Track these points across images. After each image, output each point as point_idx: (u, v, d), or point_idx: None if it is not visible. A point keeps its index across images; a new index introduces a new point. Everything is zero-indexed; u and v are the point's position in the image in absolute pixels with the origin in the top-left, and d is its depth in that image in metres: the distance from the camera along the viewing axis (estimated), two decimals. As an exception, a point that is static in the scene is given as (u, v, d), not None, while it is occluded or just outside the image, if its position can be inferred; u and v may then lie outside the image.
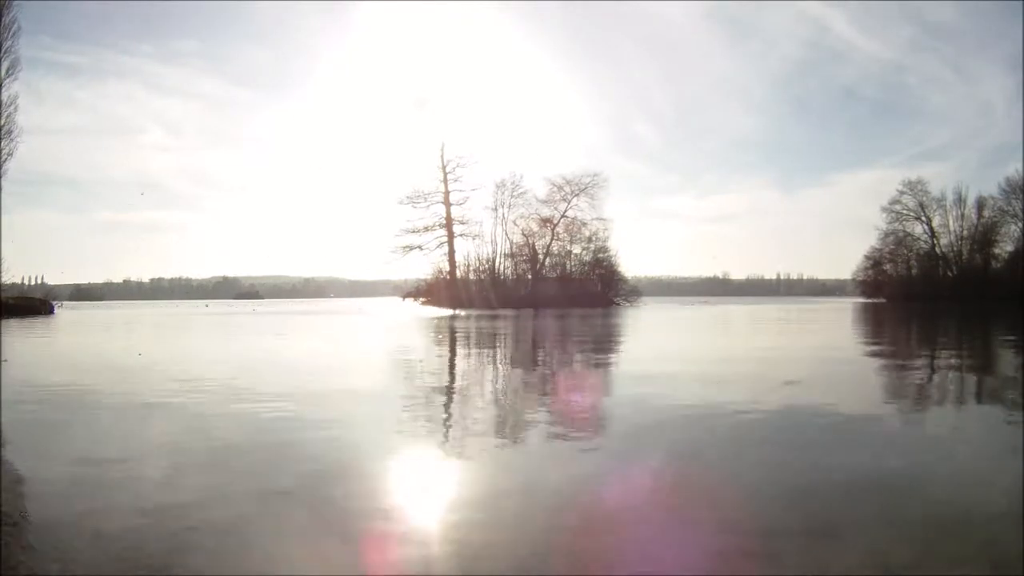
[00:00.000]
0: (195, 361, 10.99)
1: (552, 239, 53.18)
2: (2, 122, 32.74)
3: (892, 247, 62.28)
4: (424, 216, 51.27)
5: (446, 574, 2.43)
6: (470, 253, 53.09)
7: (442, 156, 50.99)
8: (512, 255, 53.67)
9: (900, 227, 61.39)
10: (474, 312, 35.94)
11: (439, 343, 15.15)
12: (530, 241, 53.47)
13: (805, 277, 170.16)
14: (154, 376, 8.43)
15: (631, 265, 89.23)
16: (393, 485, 3.57)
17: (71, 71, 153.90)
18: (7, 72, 32.89)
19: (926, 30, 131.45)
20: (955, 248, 59.90)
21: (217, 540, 2.61)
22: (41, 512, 3.02)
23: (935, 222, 60.30)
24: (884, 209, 61.45)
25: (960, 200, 59.21)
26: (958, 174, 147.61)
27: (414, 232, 50.97)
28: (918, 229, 61.00)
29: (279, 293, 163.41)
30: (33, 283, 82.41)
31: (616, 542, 2.61)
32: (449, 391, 7.29)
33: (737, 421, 5.10)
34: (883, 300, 58.67)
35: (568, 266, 54.33)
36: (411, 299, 52.13)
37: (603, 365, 10.14)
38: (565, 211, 52.66)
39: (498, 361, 10.84)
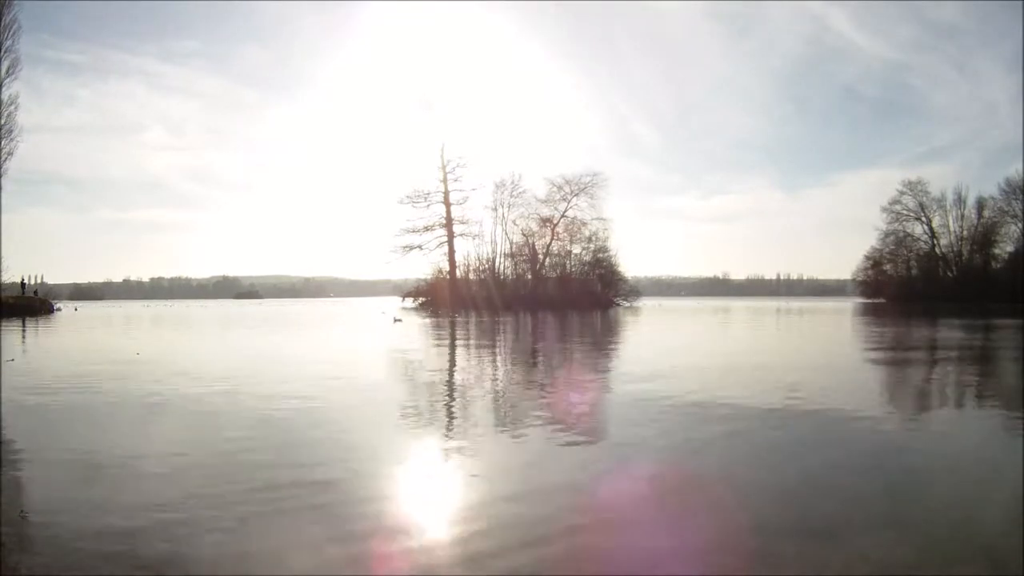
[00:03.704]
0: None
1: (552, 239, 53.07)
2: (2, 121, 32.76)
3: (892, 247, 62.28)
4: (424, 216, 51.18)
5: (446, 574, 2.43)
6: (470, 253, 52.99)
7: (442, 156, 50.93)
8: (512, 255, 53.57)
9: (900, 227, 61.41)
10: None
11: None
12: (530, 241, 53.39)
13: (806, 277, 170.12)
14: None
15: (632, 265, 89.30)
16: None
17: (73, 69, 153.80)
18: (7, 71, 32.93)
19: (928, 29, 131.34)
20: (955, 248, 59.88)
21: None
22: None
23: (935, 222, 60.34)
24: (884, 209, 61.47)
25: (960, 200, 59.26)
26: (961, 174, 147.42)
27: (414, 232, 50.87)
28: (918, 229, 61.05)
29: (279, 293, 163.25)
30: (33, 282, 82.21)
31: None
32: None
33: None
34: (883, 300, 58.63)
35: (568, 266, 54.22)
36: (411, 299, 51.97)
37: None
38: (565, 211, 52.60)
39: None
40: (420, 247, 51.05)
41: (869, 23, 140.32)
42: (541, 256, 53.31)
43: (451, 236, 51.32)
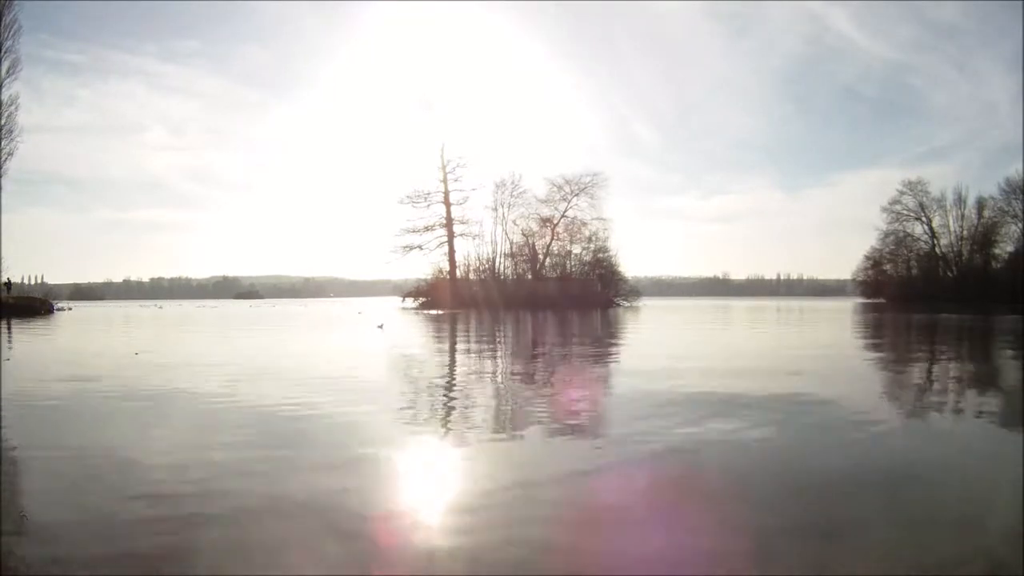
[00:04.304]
0: None
1: (552, 239, 53.15)
2: (3, 121, 32.80)
3: (892, 247, 62.33)
4: (424, 216, 51.31)
5: (447, 574, 2.42)
6: (470, 253, 53.12)
7: (442, 156, 51.03)
8: (512, 255, 53.66)
9: (900, 227, 61.44)
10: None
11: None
12: (530, 241, 53.46)
13: (806, 277, 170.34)
14: None
15: (632, 265, 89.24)
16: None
17: (73, 69, 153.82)
18: (8, 72, 32.96)
19: (928, 29, 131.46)
20: (955, 248, 59.90)
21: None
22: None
23: (935, 222, 60.37)
24: (884, 209, 61.50)
25: (960, 200, 59.29)
26: (961, 174, 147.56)
27: (414, 232, 50.99)
28: (918, 229, 61.07)
29: (279, 293, 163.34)
30: (33, 283, 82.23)
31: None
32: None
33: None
34: (883, 300, 58.67)
35: (568, 266, 54.27)
36: (411, 299, 52.04)
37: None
38: (565, 211, 52.67)
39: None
40: (420, 247, 51.21)
41: (869, 23, 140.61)
42: (541, 256, 53.38)
43: (451, 236, 51.42)
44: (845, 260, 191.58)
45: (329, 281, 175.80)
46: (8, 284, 40.67)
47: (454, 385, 7.79)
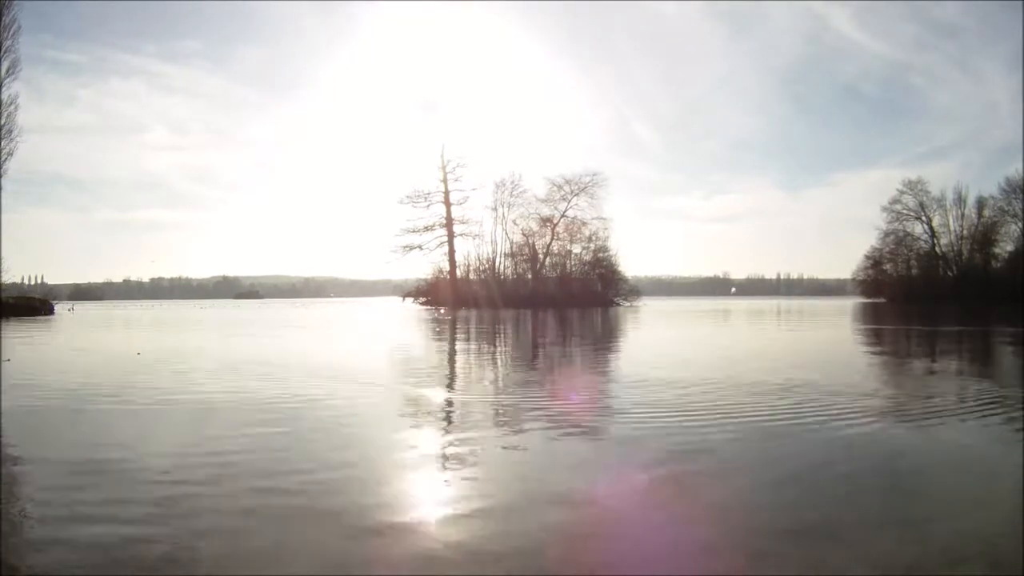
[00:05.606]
0: None
1: (552, 239, 53.25)
2: (2, 121, 32.75)
3: (892, 247, 62.26)
4: (424, 216, 51.41)
5: (446, 574, 2.43)
6: (470, 253, 53.24)
7: (442, 156, 51.13)
8: (512, 255, 53.75)
9: (900, 227, 61.38)
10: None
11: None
12: (530, 241, 53.54)
13: (806, 277, 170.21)
14: None
15: (632, 265, 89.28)
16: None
17: (73, 69, 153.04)
18: (7, 72, 32.92)
19: (929, 28, 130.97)
20: (955, 248, 59.86)
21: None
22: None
23: (935, 222, 60.31)
24: (884, 209, 61.45)
25: (960, 200, 59.24)
26: (962, 174, 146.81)
27: (414, 232, 51.10)
28: (918, 229, 61.01)
29: (279, 293, 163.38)
30: (33, 283, 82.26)
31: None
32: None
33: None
34: (883, 300, 58.67)
35: (568, 266, 54.36)
36: (411, 299, 52.15)
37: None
38: (565, 211, 52.76)
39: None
40: (420, 247, 51.33)
41: (870, 22, 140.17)
42: (541, 256, 53.44)
43: (451, 236, 51.51)
44: (845, 260, 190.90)
45: (329, 281, 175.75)
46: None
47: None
